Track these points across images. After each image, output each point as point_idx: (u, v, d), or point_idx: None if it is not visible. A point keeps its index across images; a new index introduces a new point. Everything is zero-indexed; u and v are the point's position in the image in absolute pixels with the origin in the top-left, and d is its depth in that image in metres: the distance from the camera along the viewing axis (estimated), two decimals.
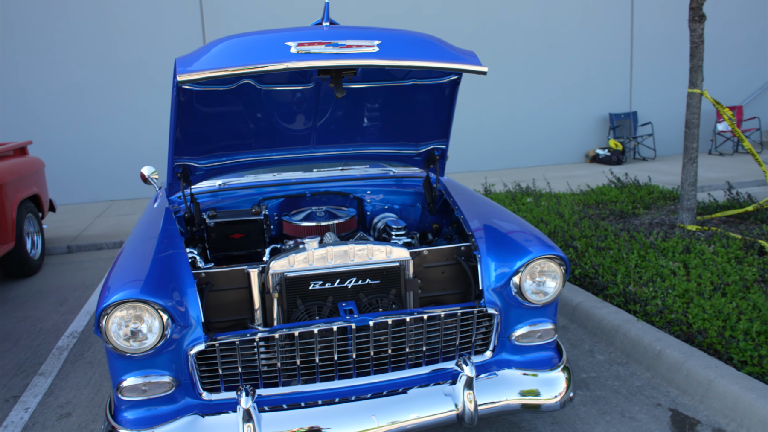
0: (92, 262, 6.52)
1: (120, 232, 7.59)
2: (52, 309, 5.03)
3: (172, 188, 3.33)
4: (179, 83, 2.42)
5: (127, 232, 7.59)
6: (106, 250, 7.07)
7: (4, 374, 3.83)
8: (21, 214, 5.81)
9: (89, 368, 3.85)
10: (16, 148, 6.57)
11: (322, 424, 2.41)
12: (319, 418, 2.43)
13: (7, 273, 5.90)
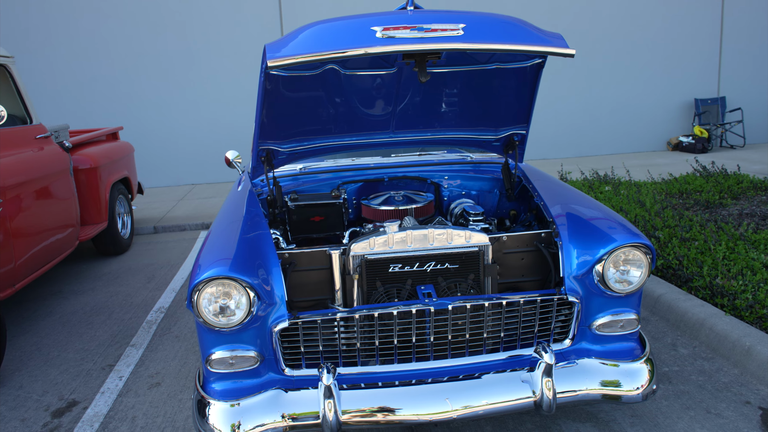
0: (176, 242, 6.83)
1: (201, 215, 7.90)
2: (141, 285, 5.32)
3: (255, 172, 3.44)
4: (267, 69, 2.49)
5: (207, 214, 7.90)
6: (188, 231, 7.38)
7: (100, 344, 4.09)
8: (113, 196, 6.15)
9: (176, 342, 4.05)
10: (109, 134, 6.95)
11: (397, 404, 2.45)
12: (394, 398, 2.47)
13: (100, 251, 6.28)
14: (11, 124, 4.56)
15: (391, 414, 2.45)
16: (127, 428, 3.04)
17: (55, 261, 4.77)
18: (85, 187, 5.61)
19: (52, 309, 4.81)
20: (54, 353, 3.98)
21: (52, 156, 4.91)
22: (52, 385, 3.54)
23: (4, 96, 4.67)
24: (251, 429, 2.36)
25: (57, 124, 5.64)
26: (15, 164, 4.26)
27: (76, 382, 3.57)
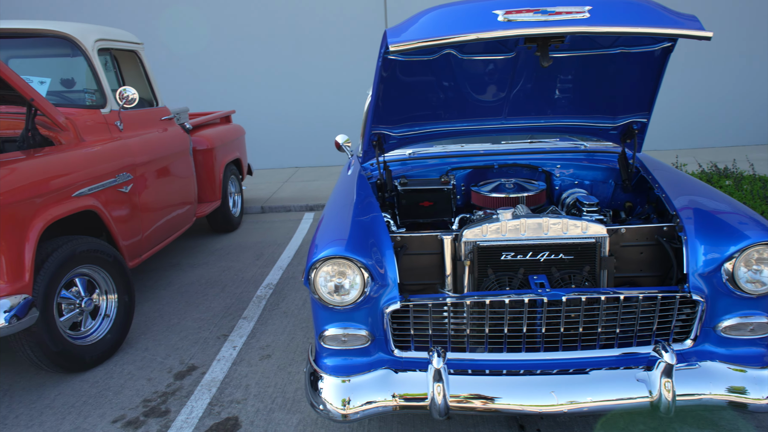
0: (282, 223, 7.10)
1: (305, 196, 8.16)
2: (251, 262, 5.58)
3: (366, 155, 3.50)
4: (386, 53, 2.52)
5: (311, 196, 8.14)
6: (293, 212, 7.65)
7: (215, 315, 4.34)
8: (226, 176, 6.47)
9: (284, 318, 4.23)
10: (222, 117, 7.30)
11: (503, 393, 2.43)
12: (501, 387, 2.45)
13: (213, 228, 6.64)
14: (140, 106, 4.89)
15: (496, 403, 2.44)
16: (241, 395, 3.22)
17: (175, 235, 5.11)
18: (201, 167, 5.94)
19: (171, 280, 5.16)
20: (174, 320, 4.27)
21: (175, 137, 5.23)
22: (174, 350, 3.80)
23: (135, 80, 5.03)
24: (361, 405, 2.43)
25: (178, 107, 6.00)
26: (144, 143, 4.58)
27: (194, 348, 3.81)
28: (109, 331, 3.70)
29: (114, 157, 4.09)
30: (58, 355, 3.33)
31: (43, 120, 3.84)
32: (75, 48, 4.28)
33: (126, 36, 4.95)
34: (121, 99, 4.24)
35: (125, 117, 4.47)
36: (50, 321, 3.27)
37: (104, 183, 3.86)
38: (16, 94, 3.63)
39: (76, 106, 4.27)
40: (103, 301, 3.73)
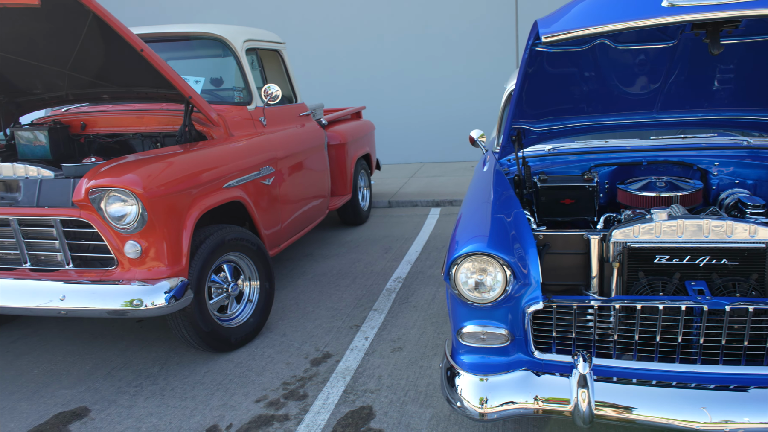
0: (409, 217, 7.17)
1: (431, 192, 8.18)
2: (379, 255, 5.69)
3: (504, 151, 3.43)
4: (534, 45, 2.44)
5: (437, 192, 8.14)
6: (420, 207, 7.70)
7: (347, 305, 4.47)
8: (357, 171, 6.64)
9: (414, 311, 4.26)
10: (354, 113, 7.50)
11: (650, 405, 2.28)
12: (649, 398, 2.30)
13: (343, 220, 6.85)
14: (281, 103, 5.13)
15: (642, 414, 2.30)
16: (375, 385, 3.29)
17: (310, 226, 5.32)
18: (334, 162, 6.13)
19: (305, 269, 5.38)
20: (309, 309, 4.45)
21: (312, 132, 5.44)
22: (309, 337, 3.96)
23: (276, 78, 5.28)
24: (499, 405, 2.39)
25: (314, 103, 6.24)
26: (285, 138, 4.80)
27: (328, 336, 3.95)
28: (251, 315, 3.93)
29: (258, 151, 4.32)
30: (208, 335, 3.59)
31: (198, 116, 4.14)
32: (226, 49, 4.58)
33: (270, 36, 5.22)
34: (265, 96, 4.47)
35: (268, 113, 4.72)
36: (202, 303, 3.52)
37: (250, 175, 4.10)
38: (177, 93, 3.94)
39: (226, 103, 4.56)
40: (246, 287, 3.96)
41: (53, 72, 4.00)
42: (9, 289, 3.38)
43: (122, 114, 4.38)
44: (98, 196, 3.12)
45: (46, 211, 3.30)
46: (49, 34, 3.62)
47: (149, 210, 3.14)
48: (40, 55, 3.86)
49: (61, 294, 3.23)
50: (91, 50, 3.72)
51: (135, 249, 3.21)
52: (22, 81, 4.16)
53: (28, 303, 3.27)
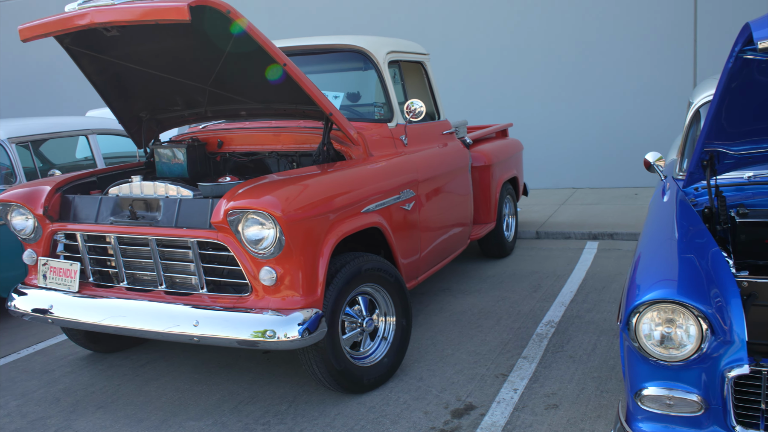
0: (560, 251, 6.93)
1: (587, 222, 7.87)
2: (527, 294, 5.53)
3: (691, 177, 3.21)
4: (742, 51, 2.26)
5: (594, 222, 7.81)
6: (573, 239, 7.42)
7: (491, 349, 4.37)
8: (502, 196, 6.54)
9: (571, 363, 4.07)
10: (499, 130, 7.43)
11: None
12: None
13: (484, 252, 6.76)
14: (423, 119, 5.19)
15: None
16: None
17: (450, 257, 5.30)
18: (477, 185, 6.08)
19: (443, 306, 5.35)
20: (448, 351, 4.40)
21: (455, 152, 5.44)
22: (449, 384, 3.90)
23: (418, 92, 5.36)
24: None
25: (457, 120, 6.25)
26: (427, 159, 4.84)
27: (471, 385, 3.87)
28: (386, 354, 3.95)
29: (399, 173, 4.39)
30: (340, 373, 3.65)
31: (336, 134, 4.28)
32: (367, 61, 4.72)
33: (413, 47, 5.32)
34: (408, 112, 4.54)
35: (409, 131, 4.78)
36: (335, 338, 3.60)
37: (389, 199, 4.16)
38: (316, 109, 4.11)
39: (365, 120, 4.69)
40: (381, 323, 4.00)
41: (194, 88, 4.34)
42: (144, 311, 3.66)
43: (259, 131, 4.64)
44: (236, 218, 3.30)
45: (184, 232, 3.55)
46: (193, 49, 3.94)
47: (287, 234, 3.27)
48: (183, 71, 4.20)
49: (194, 320, 3.44)
50: (232, 65, 3.99)
51: (270, 276, 3.35)
52: (164, 97, 4.55)
53: (163, 327, 3.52)
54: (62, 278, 3.93)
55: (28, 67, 14.77)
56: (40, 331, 5.33)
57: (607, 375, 3.87)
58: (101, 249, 3.97)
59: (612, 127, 10.44)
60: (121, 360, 4.61)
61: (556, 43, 10.67)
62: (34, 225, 3.99)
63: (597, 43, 10.44)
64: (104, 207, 3.90)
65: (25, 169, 5.89)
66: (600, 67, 10.48)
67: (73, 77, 13.44)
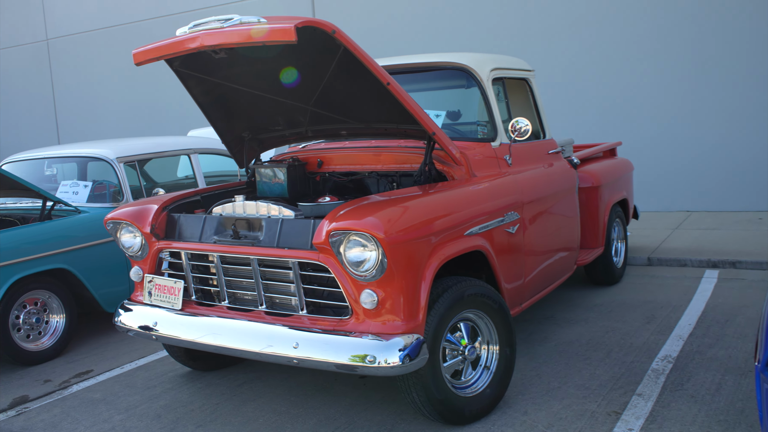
0: (675, 280, 6.61)
1: (705, 249, 7.48)
2: (639, 325, 5.29)
3: None
4: None
5: (713, 249, 7.42)
6: (689, 267, 7.07)
7: (601, 384, 4.20)
8: (610, 219, 6.33)
9: (692, 403, 3.85)
10: (607, 149, 7.21)
11: None
12: None
13: (591, 279, 6.54)
14: (528, 138, 5.10)
15: None
16: None
17: (556, 284, 5.16)
18: (585, 208, 5.91)
19: (547, 335, 5.20)
20: (554, 384, 4.26)
21: (562, 173, 5.32)
22: (556, 419, 3.78)
23: (523, 109, 5.29)
24: None
25: (563, 138, 6.12)
26: (532, 180, 4.76)
27: (580, 422, 3.73)
28: (488, 384, 3.87)
29: (503, 195, 4.32)
30: (441, 403, 3.60)
31: (438, 154, 4.28)
32: (470, 79, 4.71)
33: (518, 63, 5.27)
34: (513, 131, 4.48)
35: (514, 150, 4.72)
36: (436, 366, 3.56)
37: (493, 222, 4.10)
38: (418, 129, 4.13)
39: (467, 139, 4.67)
40: (484, 351, 3.93)
41: (296, 108, 4.46)
42: (244, 331, 3.76)
43: (359, 151, 4.71)
44: (338, 239, 3.35)
45: (285, 253, 3.63)
46: (298, 69, 4.05)
47: (389, 257, 3.28)
48: (285, 92, 4.33)
49: (294, 342, 3.50)
50: (335, 85, 4.08)
51: (372, 299, 3.36)
52: (266, 118, 4.71)
53: (263, 348, 3.60)
54: (166, 296, 4.11)
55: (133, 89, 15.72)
56: (142, 346, 5.58)
57: (735, 419, 3.63)
58: (204, 267, 4.13)
59: (732, 145, 9.90)
60: (218, 379, 4.75)
61: (668, 54, 10.28)
62: (142, 243, 4.20)
63: (715, 55, 9.97)
64: (208, 226, 4.05)
65: (131, 187, 6.24)
66: (718, 80, 10.00)
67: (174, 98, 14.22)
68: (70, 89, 16.95)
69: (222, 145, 6.76)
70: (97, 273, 5.71)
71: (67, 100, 17.08)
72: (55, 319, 5.50)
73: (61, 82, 17.15)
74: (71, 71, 16.88)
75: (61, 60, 17.01)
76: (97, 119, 16.45)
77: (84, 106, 16.68)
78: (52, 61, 17.20)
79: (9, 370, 5.27)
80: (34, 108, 17.69)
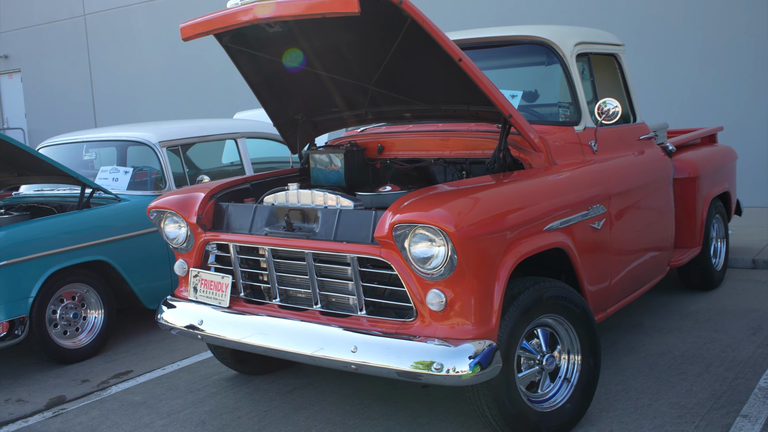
0: None
1: None
2: (743, 336, 5.15)
3: None
4: None
5: None
6: None
7: (699, 403, 4.11)
8: (709, 215, 6.16)
9: None
10: (706, 135, 7.01)
11: None
12: None
13: (684, 282, 6.39)
14: (616, 122, 5.00)
15: None
16: None
17: (646, 287, 5.07)
18: (681, 202, 5.76)
19: (634, 345, 5.11)
20: (644, 401, 4.18)
21: (654, 161, 5.21)
22: None
23: (611, 89, 5.19)
24: None
25: (656, 123, 5.98)
26: (620, 169, 4.67)
27: None
28: (568, 398, 3.83)
29: (588, 185, 4.26)
30: (514, 417, 3.58)
31: (514, 139, 4.23)
32: (552, 55, 4.64)
33: (605, 37, 5.17)
34: (600, 114, 4.40)
35: (600, 135, 4.63)
36: (510, 376, 3.54)
37: (576, 216, 4.04)
38: (492, 110, 4.09)
39: (546, 122, 4.61)
40: (564, 361, 3.89)
41: (356, 88, 4.48)
42: (297, 332, 3.81)
43: (424, 135, 4.70)
44: (403, 233, 3.35)
45: (343, 247, 3.66)
46: (358, 45, 4.07)
47: (460, 253, 3.27)
48: (345, 70, 4.36)
49: (352, 345, 3.53)
50: (400, 62, 4.08)
51: (439, 300, 3.36)
52: (322, 98, 4.74)
53: (317, 351, 3.64)
54: (213, 292, 4.19)
55: (173, 68, 16.07)
56: (185, 346, 5.73)
57: None
58: (254, 262, 4.20)
59: None
60: (267, 384, 4.83)
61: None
62: (187, 234, 4.29)
63: None
64: (259, 216, 4.12)
65: (173, 174, 6.38)
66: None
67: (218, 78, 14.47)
68: (107, 67, 17.49)
69: (271, 129, 6.91)
70: (138, 266, 5.88)
71: (104, 80, 17.64)
72: (93, 315, 5.70)
73: (98, 60, 17.71)
74: (109, 48, 17.42)
75: (99, 37, 17.56)
76: (136, 99, 16.92)
77: (122, 86, 17.19)
78: (90, 37, 17.76)
79: (45, 368, 5.48)
80: (71, 88, 18.32)
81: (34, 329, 5.21)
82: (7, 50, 19.55)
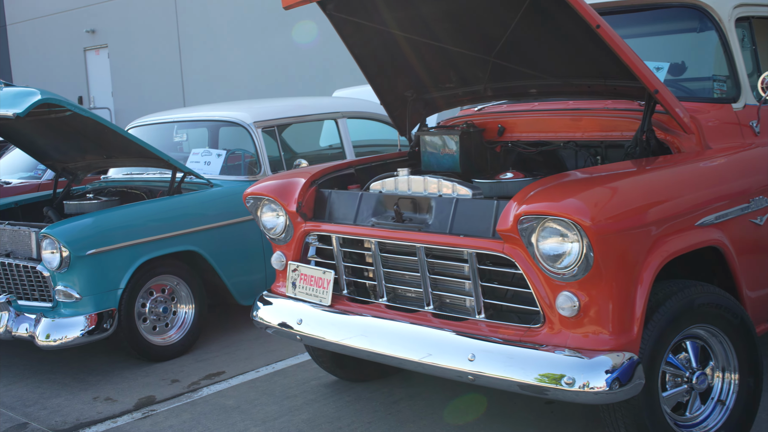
0: None
1: None
2: None
3: None
4: None
5: None
6: None
7: None
8: None
9: None
10: None
11: None
12: None
13: None
14: None
15: None
16: None
17: None
18: None
19: None
20: None
21: None
22: None
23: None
24: None
25: None
26: None
27: None
28: (723, 424, 3.67)
29: (748, 174, 4.05)
30: None
31: (659, 119, 4.06)
32: (705, 19, 4.41)
33: None
34: (763, 89, 4.16)
35: (764, 115, 4.39)
36: (654, 395, 3.40)
37: (734, 209, 3.84)
38: (634, 85, 3.93)
39: (697, 99, 4.40)
40: (717, 379, 3.72)
41: (475, 60, 4.41)
42: (406, 335, 3.79)
43: (552, 114, 4.59)
44: (530, 226, 3.27)
45: (460, 241, 3.60)
46: (478, 10, 4.00)
47: (597, 250, 3.15)
48: (462, 40, 4.30)
49: (470, 353, 3.47)
50: (527, 30, 3.98)
51: (572, 304, 3.26)
52: (435, 72, 4.70)
53: (429, 358, 3.61)
54: (314, 288, 4.22)
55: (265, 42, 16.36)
56: (280, 347, 5.82)
57: None
58: (359, 256, 4.20)
59: None
60: (371, 392, 4.84)
61: None
62: (286, 223, 4.34)
63: None
64: (364, 205, 4.11)
65: (269, 158, 6.46)
66: None
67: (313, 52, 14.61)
68: (197, 44, 18.00)
69: (374, 108, 6.91)
70: (231, 258, 6.01)
71: (194, 57, 18.18)
72: (184, 310, 5.87)
73: (187, 36, 18.26)
74: (199, 23, 17.92)
75: (189, 10, 18.09)
76: (227, 78, 17.37)
77: (212, 64, 17.66)
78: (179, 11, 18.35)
79: (133, 365, 5.69)
80: (160, 66, 18.99)
81: (123, 323, 5.41)
82: (94, 24, 20.46)
